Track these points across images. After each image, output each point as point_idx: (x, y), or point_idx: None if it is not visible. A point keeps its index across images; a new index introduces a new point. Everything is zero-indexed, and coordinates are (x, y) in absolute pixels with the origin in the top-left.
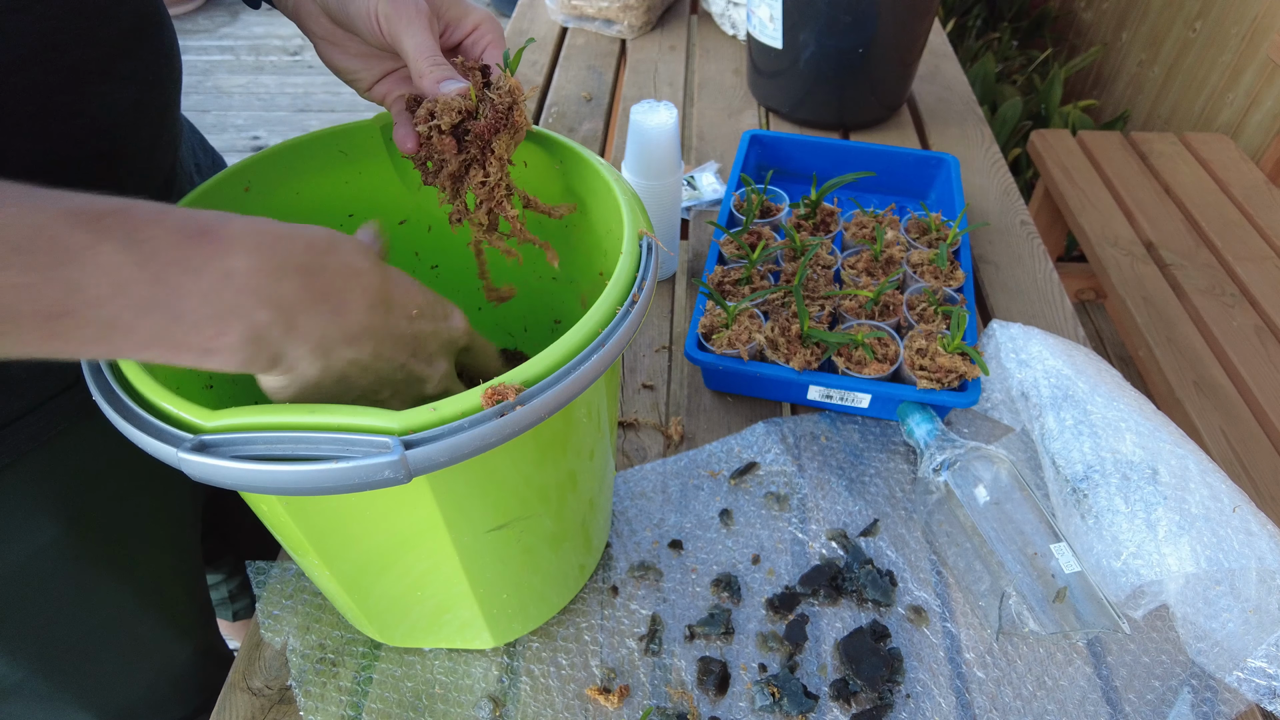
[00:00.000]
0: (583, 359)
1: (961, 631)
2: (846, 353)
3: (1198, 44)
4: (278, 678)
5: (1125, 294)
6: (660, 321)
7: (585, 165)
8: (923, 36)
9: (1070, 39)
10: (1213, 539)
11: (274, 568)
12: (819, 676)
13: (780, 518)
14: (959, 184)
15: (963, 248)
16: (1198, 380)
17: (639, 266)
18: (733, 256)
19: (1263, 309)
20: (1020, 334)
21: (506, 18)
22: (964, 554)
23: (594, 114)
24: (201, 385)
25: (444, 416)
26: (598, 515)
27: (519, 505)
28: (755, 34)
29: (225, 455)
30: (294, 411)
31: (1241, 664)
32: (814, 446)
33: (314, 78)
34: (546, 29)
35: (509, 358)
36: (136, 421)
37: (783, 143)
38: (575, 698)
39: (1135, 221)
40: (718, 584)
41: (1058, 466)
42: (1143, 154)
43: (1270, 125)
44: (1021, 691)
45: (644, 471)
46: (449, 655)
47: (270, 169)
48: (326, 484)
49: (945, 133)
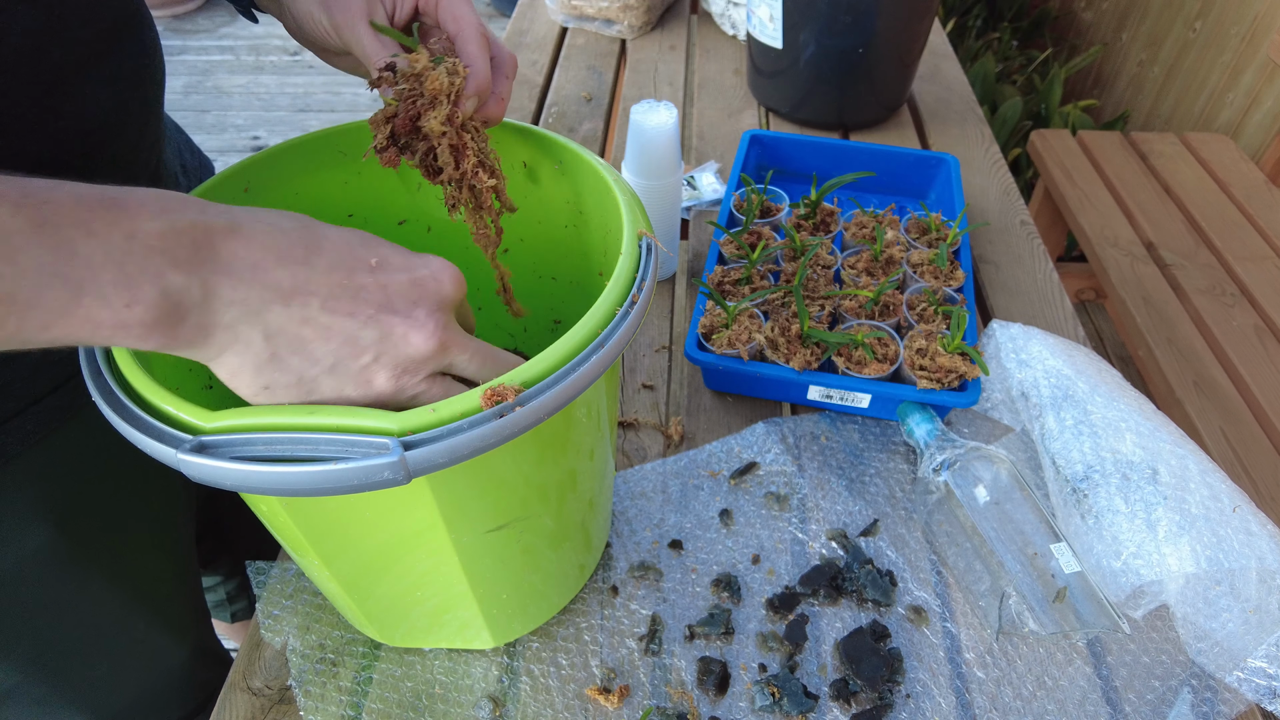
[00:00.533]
0: (582, 359)
1: (961, 631)
2: (846, 353)
3: (1198, 44)
4: (278, 678)
5: (1125, 294)
6: (660, 321)
7: (585, 165)
8: (923, 36)
9: (1070, 39)
10: (1213, 539)
11: (274, 568)
12: (819, 676)
13: (780, 518)
14: (959, 184)
15: (963, 248)
16: (1198, 380)
17: (638, 267)
18: (733, 256)
19: (1263, 309)
20: (1020, 334)
21: (506, 18)
22: (964, 554)
23: (594, 114)
24: (201, 386)
25: (443, 417)
26: (598, 515)
27: (519, 505)
28: (755, 34)
29: (225, 456)
30: (293, 412)
31: (1241, 664)
32: (814, 446)
33: (314, 78)
34: (546, 29)
35: None
36: (135, 422)
37: (783, 143)
38: (575, 698)
39: (1135, 221)
40: (718, 584)
41: (1058, 466)
42: (1143, 154)
43: (1270, 125)
44: (1021, 691)
45: (644, 471)
46: (449, 655)
47: (270, 169)
48: (326, 485)
49: (945, 133)
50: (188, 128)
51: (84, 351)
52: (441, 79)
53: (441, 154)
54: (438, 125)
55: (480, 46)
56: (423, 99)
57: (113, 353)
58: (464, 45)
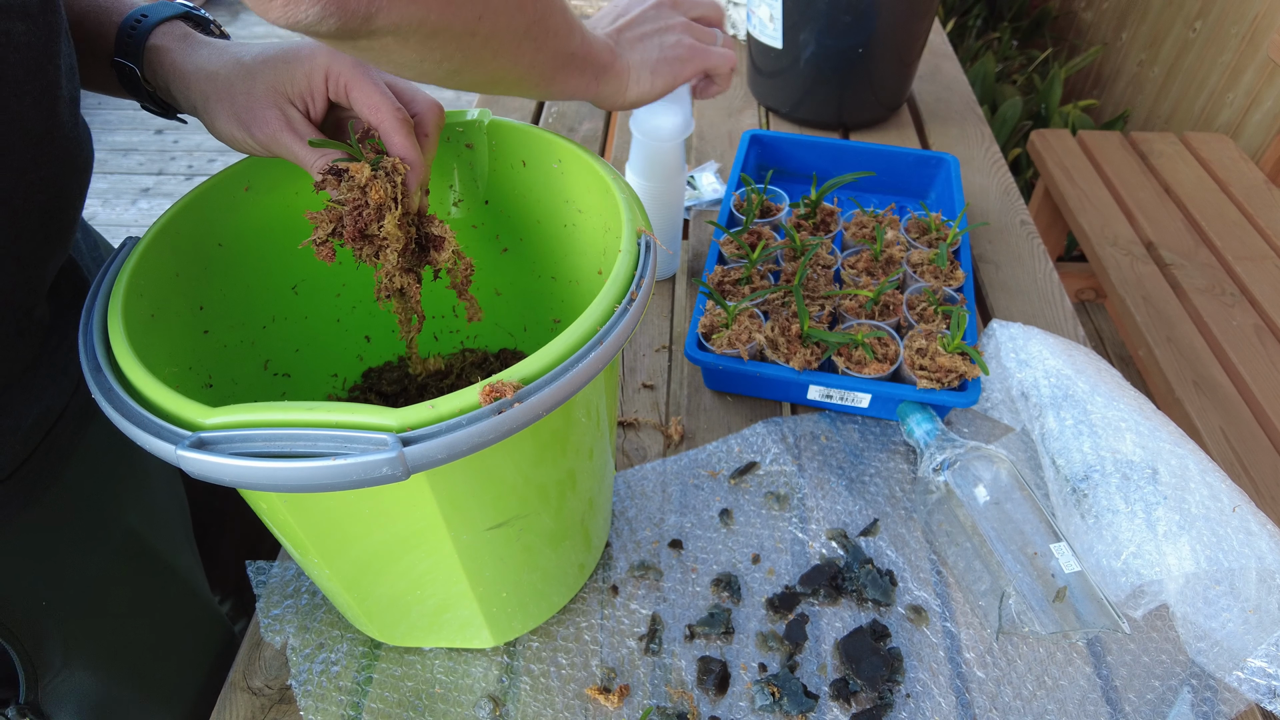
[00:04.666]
0: (581, 356)
1: (961, 631)
2: (846, 352)
3: (1198, 44)
4: (278, 678)
5: (1125, 294)
6: (660, 321)
7: (584, 165)
8: (922, 36)
9: (1070, 39)
10: (1213, 539)
11: (274, 567)
12: (819, 676)
13: (780, 517)
14: (959, 184)
15: (963, 247)
16: (1197, 380)
17: (637, 264)
18: (733, 256)
19: (1263, 309)
20: (1020, 334)
21: None
22: (964, 554)
23: (594, 114)
24: (201, 383)
25: (442, 414)
26: (597, 514)
27: (518, 503)
28: (755, 34)
29: (224, 452)
30: (292, 409)
31: (1241, 664)
32: (814, 446)
33: None
34: None
35: (508, 357)
36: (135, 419)
37: (783, 143)
38: (575, 697)
39: (1135, 221)
40: (718, 584)
41: (1058, 466)
42: (1143, 154)
43: (1270, 125)
44: (1021, 691)
45: (644, 471)
46: (449, 655)
47: (270, 169)
48: (324, 481)
49: (945, 133)
50: (188, 128)
51: (84, 350)
52: (384, 188)
53: (395, 253)
54: (394, 229)
55: (405, 135)
56: (368, 209)
57: (113, 350)
58: (389, 137)
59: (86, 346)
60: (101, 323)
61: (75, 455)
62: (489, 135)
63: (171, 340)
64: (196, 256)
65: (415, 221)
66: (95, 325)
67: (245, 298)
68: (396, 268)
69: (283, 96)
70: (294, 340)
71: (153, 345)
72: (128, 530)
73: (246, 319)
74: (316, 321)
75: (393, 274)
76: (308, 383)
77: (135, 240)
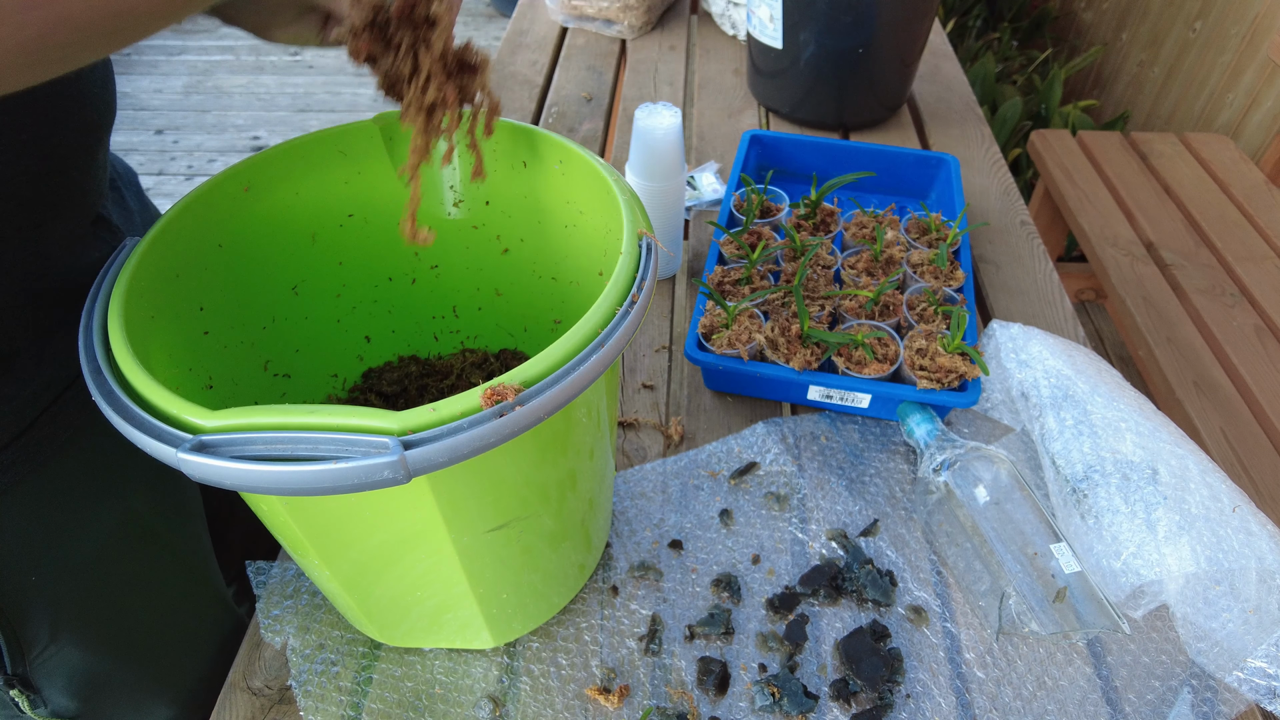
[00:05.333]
0: (582, 359)
1: (961, 631)
2: (846, 353)
3: (1198, 44)
4: (278, 678)
5: (1125, 294)
6: (660, 321)
7: (585, 165)
8: (922, 36)
9: (1070, 39)
10: (1213, 539)
11: (274, 567)
12: (819, 676)
13: (780, 518)
14: (959, 184)
15: (963, 248)
16: (1198, 380)
17: (638, 266)
18: (733, 256)
19: (1263, 309)
20: (1020, 334)
21: (506, 18)
22: (964, 554)
23: (594, 114)
24: (201, 384)
25: (443, 417)
26: (597, 515)
27: (518, 505)
28: (755, 34)
29: (224, 455)
30: (294, 412)
31: (1241, 664)
32: (814, 446)
33: (314, 78)
34: (546, 29)
35: (508, 358)
36: (136, 421)
37: (783, 143)
38: (575, 698)
39: (1135, 221)
40: (718, 584)
41: (1058, 466)
42: (1143, 154)
43: (1270, 125)
44: (1021, 691)
45: (644, 471)
46: (449, 655)
47: (270, 169)
48: (325, 484)
49: (945, 133)
50: (188, 128)
51: (84, 351)
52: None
53: (441, 40)
54: (442, 9)
55: None
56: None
57: (114, 352)
58: None
59: (86, 348)
60: (102, 324)
61: (89, 428)
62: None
63: (171, 341)
64: (196, 257)
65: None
66: (95, 326)
67: (245, 298)
68: (439, 63)
69: None
70: (294, 341)
71: (153, 346)
72: (129, 510)
73: (247, 320)
74: (316, 322)
75: (434, 74)
76: (308, 383)
77: (135, 240)
